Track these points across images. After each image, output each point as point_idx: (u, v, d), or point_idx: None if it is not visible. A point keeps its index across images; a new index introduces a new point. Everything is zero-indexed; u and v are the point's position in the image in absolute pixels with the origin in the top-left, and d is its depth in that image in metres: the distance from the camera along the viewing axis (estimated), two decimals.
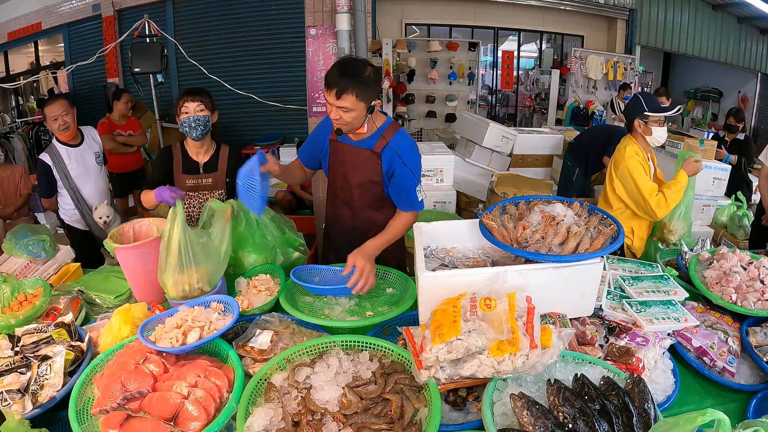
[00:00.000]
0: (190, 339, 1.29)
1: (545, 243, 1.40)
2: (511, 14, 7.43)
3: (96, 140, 3.00)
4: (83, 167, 2.87)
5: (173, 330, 1.32)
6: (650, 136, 2.40)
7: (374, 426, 1.05)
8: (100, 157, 2.99)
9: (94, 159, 2.93)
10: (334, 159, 1.98)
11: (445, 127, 6.83)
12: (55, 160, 2.78)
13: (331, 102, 1.70)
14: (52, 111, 2.71)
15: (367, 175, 1.91)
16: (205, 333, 1.33)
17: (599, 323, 1.48)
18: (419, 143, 5.08)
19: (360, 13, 3.22)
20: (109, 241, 1.70)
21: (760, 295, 1.57)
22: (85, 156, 2.89)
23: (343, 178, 1.97)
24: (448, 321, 1.13)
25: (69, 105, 2.77)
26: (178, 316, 1.38)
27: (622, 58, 7.16)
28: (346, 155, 1.92)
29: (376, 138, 1.87)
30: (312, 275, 1.80)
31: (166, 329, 1.33)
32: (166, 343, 1.28)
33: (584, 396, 1.04)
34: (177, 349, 1.26)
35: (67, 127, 2.75)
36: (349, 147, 1.91)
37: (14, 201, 3.48)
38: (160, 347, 1.26)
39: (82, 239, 2.98)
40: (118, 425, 1.07)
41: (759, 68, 8.54)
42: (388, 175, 1.89)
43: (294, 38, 5.51)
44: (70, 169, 2.82)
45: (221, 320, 1.40)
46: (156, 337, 1.31)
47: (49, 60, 7.82)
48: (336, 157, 1.96)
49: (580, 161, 4.44)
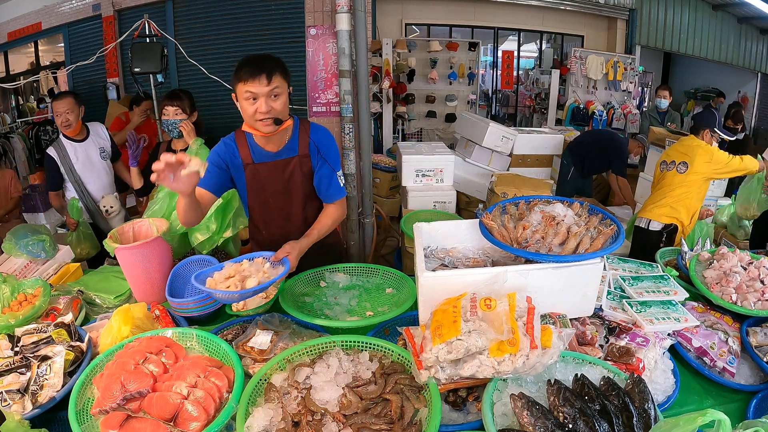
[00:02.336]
0: (249, 284, 1.37)
1: (545, 243, 1.40)
2: (511, 14, 7.42)
3: (102, 136, 3.06)
4: (88, 161, 2.95)
5: (227, 280, 1.40)
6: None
7: (374, 426, 1.05)
8: (106, 152, 3.05)
9: (98, 154, 3.00)
10: (257, 184, 1.75)
11: (445, 127, 6.82)
12: (60, 154, 2.88)
13: (258, 90, 1.54)
14: (58, 107, 2.82)
15: (305, 182, 1.78)
16: (262, 279, 1.40)
17: (599, 323, 1.48)
18: (419, 143, 5.10)
19: (360, 13, 3.21)
20: (109, 241, 1.70)
21: (760, 295, 1.57)
22: (90, 151, 2.97)
23: (279, 198, 1.78)
24: (448, 321, 1.13)
25: (75, 103, 2.87)
26: (228, 270, 1.44)
27: (622, 58, 7.15)
28: (274, 173, 1.73)
29: (296, 142, 1.74)
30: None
31: (219, 281, 1.40)
32: (224, 289, 1.36)
33: (584, 396, 1.04)
34: (239, 292, 1.35)
35: (69, 124, 2.85)
36: (274, 163, 1.72)
37: (4, 204, 3.51)
38: (222, 290, 1.35)
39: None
40: (117, 425, 1.07)
41: (759, 68, 8.54)
42: (315, 172, 1.79)
43: (294, 38, 5.50)
44: (74, 163, 2.91)
45: (273, 270, 1.48)
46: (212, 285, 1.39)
47: (49, 60, 7.82)
48: (260, 181, 1.74)
49: (576, 161, 4.52)
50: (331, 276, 1.82)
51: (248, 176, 1.74)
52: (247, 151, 1.72)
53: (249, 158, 1.71)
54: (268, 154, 1.72)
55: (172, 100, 2.39)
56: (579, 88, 7.21)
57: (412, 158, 4.08)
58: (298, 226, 1.79)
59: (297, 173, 1.77)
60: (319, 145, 1.77)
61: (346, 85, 3.34)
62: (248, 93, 1.56)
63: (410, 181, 4.08)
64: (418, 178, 4.07)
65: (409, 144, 4.91)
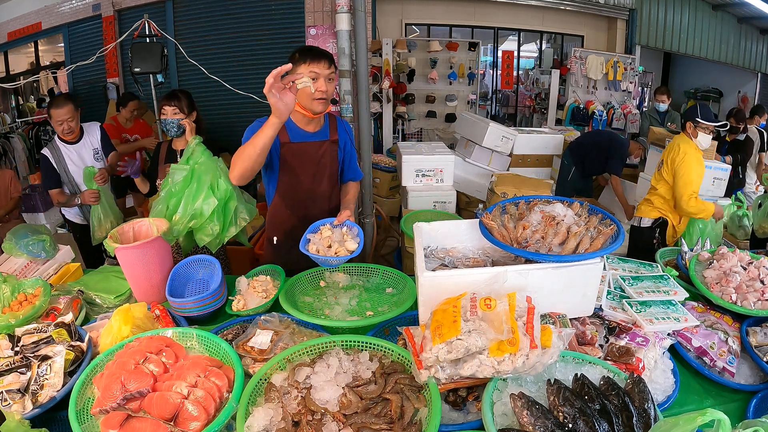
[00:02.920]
0: (350, 246, 1.67)
1: (545, 243, 1.40)
2: (511, 14, 7.43)
3: (96, 136, 3.06)
4: (81, 163, 2.96)
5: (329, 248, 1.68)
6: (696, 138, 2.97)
7: (374, 426, 1.05)
8: (99, 153, 3.06)
9: (92, 155, 3.02)
10: (291, 162, 1.92)
11: (445, 127, 6.83)
12: (55, 155, 2.91)
13: (322, 72, 1.76)
14: (59, 115, 2.82)
15: (332, 164, 2.00)
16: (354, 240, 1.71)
17: (599, 323, 1.48)
18: (419, 143, 5.10)
19: (360, 13, 3.21)
20: (109, 241, 1.70)
21: (760, 295, 1.57)
22: (83, 153, 2.98)
23: (309, 176, 1.96)
24: (448, 321, 1.13)
25: (75, 109, 2.89)
26: (321, 240, 1.71)
27: (622, 58, 7.16)
28: (308, 152, 1.93)
29: (327, 127, 1.98)
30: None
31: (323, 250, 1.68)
32: (332, 253, 1.66)
33: (584, 396, 1.04)
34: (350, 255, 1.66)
35: (71, 131, 2.90)
36: (309, 144, 1.92)
37: (4, 204, 3.52)
38: (333, 256, 1.64)
39: (81, 233, 3.11)
40: (118, 425, 1.07)
41: (759, 68, 8.54)
42: (341, 158, 2.05)
43: (294, 38, 5.50)
44: (68, 164, 2.93)
45: (351, 231, 1.76)
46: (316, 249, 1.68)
47: (49, 60, 7.83)
48: (295, 159, 1.92)
49: (577, 162, 4.54)
50: (331, 276, 1.83)
51: (283, 154, 1.90)
52: (284, 131, 1.89)
53: (286, 137, 1.88)
54: (306, 134, 1.91)
55: (170, 100, 2.45)
56: (579, 88, 7.22)
57: (412, 158, 4.08)
58: (322, 209, 2.01)
59: (326, 156, 1.97)
60: (346, 131, 2.05)
61: (346, 85, 3.35)
62: (313, 73, 1.76)
63: (410, 181, 4.08)
64: (418, 178, 4.08)
65: (409, 144, 4.91)
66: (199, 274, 1.83)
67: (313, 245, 1.72)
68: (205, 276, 1.82)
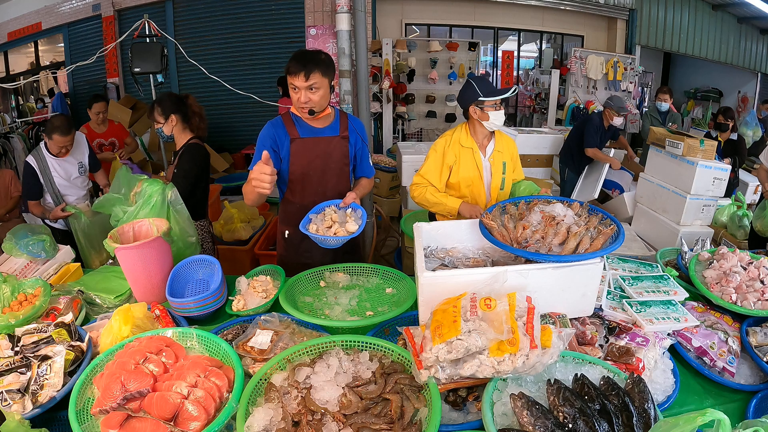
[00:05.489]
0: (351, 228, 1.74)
1: (545, 243, 1.40)
2: (511, 14, 7.42)
3: (82, 149, 3.05)
4: (66, 176, 2.96)
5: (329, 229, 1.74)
6: (487, 121, 2.15)
7: (374, 426, 1.05)
8: (84, 166, 3.06)
9: (77, 169, 3.01)
10: (301, 156, 1.99)
11: (445, 127, 6.82)
12: (41, 165, 2.88)
13: (299, 84, 1.83)
14: (64, 142, 2.83)
15: (342, 159, 2.04)
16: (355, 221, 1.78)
17: (599, 323, 1.48)
18: (419, 143, 5.10)
19: (360, 13, 3.21)
20: (109, 241, 1.70)
21: (760, 295, 1.57)
22: (69, 168, 2.97)
23: (318, 171, 2.01)
24: (448, 321, 1.13)
25: (74, 134, 2.90)
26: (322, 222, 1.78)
27: (622, 58, 7.15)
28: (317, 147, 1.99)
29: (337, 124, 2.03)
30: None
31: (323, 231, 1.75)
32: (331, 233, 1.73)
33: (584, 396, 1.04)
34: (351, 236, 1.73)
35: (67, 152, 2.91)
36: (318, 139, 1.98)
37: (4, 203, 3.51)
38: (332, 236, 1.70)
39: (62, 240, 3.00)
40: (118, 425, 1.07)
41: (759, 68, 8.53)
42: (352, 155, 2.09)
43: (294, 38, 5.51)
44: (54, 176, 2.92)
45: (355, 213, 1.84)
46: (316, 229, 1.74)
47: (49, 60, 7.82)
48: (304, 153, 1.98)
49: (567, 161, 4.58)
50: (331, 276, 1.83)
51: (293, 149, 1.97)
52: (294, 128, 1.97)
53: (296, 133, 1.96)
54: (314, 130, 1.98)
55: (150, 113, 2.52)
56: (579, 88, 7.22)
57: (412, 158, 4.08)
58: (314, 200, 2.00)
59: (336, 151, 2.03)
60: (357, 128, 2.09)
61: (346, 85, 3.35)
62: (292, 85, 1.87)
63: (410, 181, 4.07)
64: None
65: (409, 144, 4.91)
66: (199, 274, 1.83)
67: (314, 225, 1.77)
68: (205, 276, 1.82)
